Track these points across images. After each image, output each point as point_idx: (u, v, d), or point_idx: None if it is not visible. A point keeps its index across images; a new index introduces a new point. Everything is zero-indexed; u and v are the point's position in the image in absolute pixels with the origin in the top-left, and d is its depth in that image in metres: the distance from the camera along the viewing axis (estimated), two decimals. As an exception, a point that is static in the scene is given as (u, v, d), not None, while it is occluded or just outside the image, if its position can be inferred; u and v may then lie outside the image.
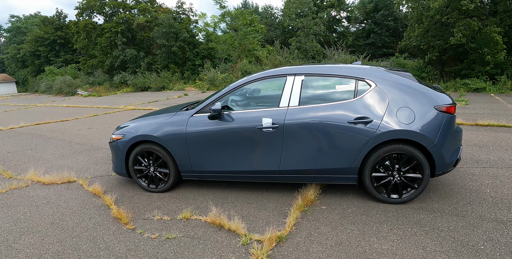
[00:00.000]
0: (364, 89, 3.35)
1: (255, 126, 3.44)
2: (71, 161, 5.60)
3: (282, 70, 3.61)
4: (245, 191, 3.90)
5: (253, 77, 3.65)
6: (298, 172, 3.51)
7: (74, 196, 3.97)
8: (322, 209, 3.37)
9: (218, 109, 3.42)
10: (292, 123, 3.36)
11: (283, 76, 3.57)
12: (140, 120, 4.01)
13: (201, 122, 3.60)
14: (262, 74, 3.64)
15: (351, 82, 3.42)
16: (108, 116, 11.36)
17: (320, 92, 3.48)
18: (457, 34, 14.18)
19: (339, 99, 3.37)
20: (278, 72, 3.60)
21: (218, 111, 3.43)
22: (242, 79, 3.72)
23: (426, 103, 3.23)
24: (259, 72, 3.81)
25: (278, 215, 3.28)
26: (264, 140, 3.45)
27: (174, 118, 3.73)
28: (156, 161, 3.86)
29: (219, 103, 3.44)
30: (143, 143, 3.83)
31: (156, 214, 3.38)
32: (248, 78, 3.67)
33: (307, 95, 3.47)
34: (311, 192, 3.61)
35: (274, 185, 4.02)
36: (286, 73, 3.57)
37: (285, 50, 20.03)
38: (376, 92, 3.31)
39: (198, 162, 3.68)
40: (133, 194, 3.96)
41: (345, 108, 3.29)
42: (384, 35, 38.80)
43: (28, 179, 4.72)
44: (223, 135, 3.53)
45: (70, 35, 38.24)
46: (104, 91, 25.73)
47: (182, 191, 3.97)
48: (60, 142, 7.37)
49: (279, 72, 3.60)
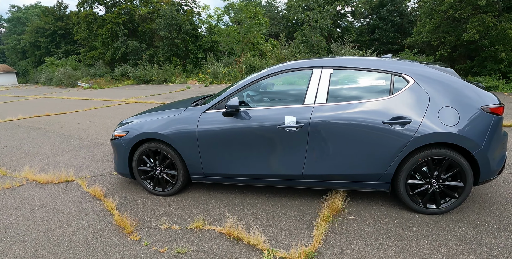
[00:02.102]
0: (401, 85, 2.97)
1: (277, 125, 3.06)
2: (70, 158, 5.23)
3: (308, 62, 3.21)
4: (261, 196, 3.53)
5: (275, 69, 3.25)
6: (323, 177, 3.14)
7: (72, 198, 3.60)
8: (350, 220, 3.01)
9: (235, 105, 3.03)
10: (319, 123, 2.98)
11: (308, 69, 3.18)
12: (145, 116, 3.63)
13: (214, 120, 3.21)
14: (284, 66, 3.24)
15: (386, 78, 3.03)
16: (109, 110, 10.97)
17: (350, 88, 3.09)
18: (471, 30, 13.69)
19: (373, 96, 2.99)
20: (303, 64, 3.20)
21: (236, 108, 3.04)
22: (261, 72, 3.32)
23: (471, 103, 2.85)
24: (280, 64, 3.42)
25: (302, 225, 2.92)
26: (286, 141, 3.08)
27: (184, 115, 3.34)
28: (163, 162, 3.48)
29: (236, 99, 3.05)
30: (148, 141, 3.45)
31: (164, 222, 3.01)
32: (268, 70, 3.28)
33: (335, 91, 3.08)
34: (337, 199, 3.24)
35: (294, 190, 3.65)
36: (312, 65, 3.17)
37: (291, 44, 19.54)
38: (415, 90, 2.92)
39: (211, 164, 3.30)
40: (137, 197, 3.59)
41: (380, 107, 2.91)
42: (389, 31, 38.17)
43: (23, 177, 4.35)
44: (239, 134, 3.15)
45: (71, 26, 37.67)
46: (105, 84, 25.28)
47: (191, 195, 3.60)
48: (58, 136, 7.00)
49: (304, 64, 3.20)
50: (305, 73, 3.19)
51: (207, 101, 3.62)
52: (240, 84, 3.32)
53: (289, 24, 40.59)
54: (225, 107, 3.18)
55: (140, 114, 3.88)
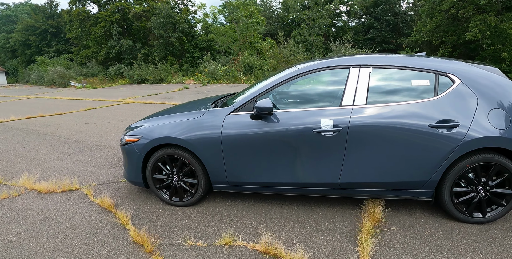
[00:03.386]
0: (446, 85, 2.71)
1: (312, 129, 2.74)
2: (70, 163, 4.84)
3: (344, 60, 2.91)
4: (289, 206, 3.21)
5: (307, 67, 2.93)
6: (362, 185, 2.85)
7: (78, 210, 3.23)
8: (393, 231, 2.73)
9: (268, 107, 2.70)
10: (359, 126, 2.69)
11: (345, 67, 2.87)
12: (159, 119, 3.28)
13: (241, 123, 2.88)
14: (318, 64, 2.93)
15: (430, 77, 2.76)
16: (106, 110, 10.54)
17: (391, 89, 2.79)
18: (473, 29, 13.58)
19: (416, 97, 2.72)
20: (339, 62, 2.89)
21: (269, 110, 2.71)
22: (292, 71, 3.00)
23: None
24: (312, 61, 3.11)
25: (343, 239, 2.61)
26: (322, 146, 2.77)
27: (206, 117, 3.00)
28: (181, 169, 3.14)
29: (268, 100, 2.72)
30: (165, 147, 3.10)
31: (188, 238, 2.66)
32: (300, 69, 2.95)
33: (375, 91, 2.79)
34: (376, 209, 2.95)
35: (324, 198, 3.34)
36: (349, 64, 2.87)
37: (290, 43, 19.24)
38: (461, 90, 2.66)
39: (236, 172, 2.97)
40: (152, 208, 3.24)
41: (424, 109, 2.65)
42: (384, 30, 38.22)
43: (20, 185, 3.96)
44: (269, 139, 2.82)
45: (63, 24, 36.87)
46: (99, 83, 24.69)
47: (211, 205, 3.26)
48: (55, 138, 6.58)
49: (340, 62, 2.89)
50: (341, 72, 2.89)
51: (228, 102, 3.29)
52: (267, 84, 2.99)
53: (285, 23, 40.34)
54: (254, 109, 2.86)
55: (150, 117, 3.52)
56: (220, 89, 15.98)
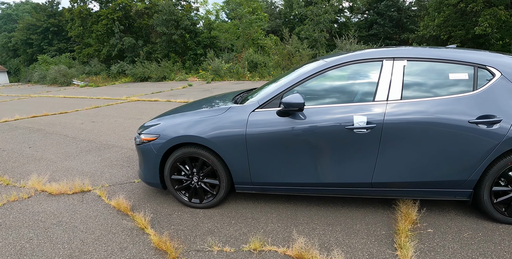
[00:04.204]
0: (486, 79, 2.53)
1: (344, 126, 2.56)
2: (80, 163, 4.67)
3: (376, 52, 2.71)
4: (315, 206, 3.03)
5: (337, 61, 2.74)
6: (395, 185, 2.67)
7: (92, 213, 3.06)
8: (429, 233, 2.55)
9: (300, 102, 2.50)
10: (394, 123, 2.50)
11: (377, 60, 2.68)
12: (177, 116, 3.09)
13: (267, 120, 2.69)
14: (348, 57, 2.73)
15: (468, 70, 2.57)
16: (112, 108, 10.37)
17: (427, 83, 2.60)
18: (483, 23, 13.31)
19: (454, 92, 2.53)
20: (371, 55, 2.70)
21: (300, 106, 2.52)
22: (319, 64, 2.80)
23: None
24: (341, 54, 2.91)
25: (378, 243, 2.43)
26: (354, 144, 2.58)
27: (229, 115, 2.81)
28: (202, 169, 2.95)
29: (298, 95, 2.53)
30: (184, 146, 2.92)
31: (213, 243, 2.49)
32: (328, 62, 2.76)
33: (411, 85, 2.60)
34: (410, 209, 2.77)
35: (351, 198, 3.16)
36: (382, 56, 2.68)
37: (294, 39, 19.00)
38: (503, 84, 2.49)
39: (261, 171, 2.79)
40: (170, 210, 3.06)
41: (463, 104, 2.47)
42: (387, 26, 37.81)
43: (30, 187, 3.79)
44: (297, 136, 2.64)
45: (64, 23, 36.70)
46: (102, 82, 24.51)
47: (233, 207, 3.08)
48: (62, 137, 6.41)
49: (372, 55, 2.70)
50: (373, 65, 2.69)
51: (249, 96, 3.11)
52: (293, 78, 2.79)
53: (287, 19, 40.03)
54: (280, 106, 2.68)
55: (165, 115, 3.34)
56: (225, 86, 15.79)
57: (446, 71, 2.59)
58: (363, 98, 2.65)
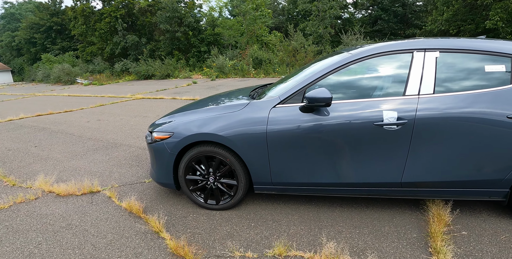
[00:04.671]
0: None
1: (372, 122, 2.38)
2: (87, 162, 4.52)
3: (406, 43, 2.52)
4: (338, 207, 2.85)
5: (363, 52, 2.55)
6: (426, 184, 2.49)
7: (103, 216, 2.90)
8: (464, 236, 2.39)
9: (327, 97, 2.32)
10: (427, 118, 2.32)
11: (407, 52, 2.49)
12: (191, 113, 2.92)
13: (289, 117, 2.52)
14: (376, 48, 2.54)
15: (505, 62, 2.38)
16: (117, 106, 10.22)
17: (462, 75, 2.41)
18: (494, 17, 13.01)
19: (490, 85, 2.35)
20: (400, 46, 2.51)
21: (327, 101, 2.34)
22: (344, 57, 2.61)
23: None
24: (367, 46, 2.73)
25: (411, 247, 2.27)
26: (383, 141, 2.41)
27: (248, 111, 2.63)
28: (218, 169, 2.79)
29: (324, 89, 2.34)
30: (200, 145, 2.75)
31: (234, 247, 2.32)
32: (354, 54, 2.57)
33: (444, 79, 2.41)
34: (441, 210, 2.61)
35: (374, 199, 2.98)
36: (412, 47, 2.48)
37: (299, 36, 18.74)
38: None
39: (282, 171, 2.61)
40: (185, 212, 2.90)
41: (501, 98, 2.29)
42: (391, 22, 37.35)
43: (37, 188, 3.64)
44: (322, 134, 2.46)
45: (67, 22, 36.59)
46: (106, 80, 24.41)
47: (250, 208, 2.92)
48: (68, 136, 6.27)
49: (401, 46, 2.51)
50: (403, 57, 2.50)
51: (266, 92, 2.93)
52: (316, 72, 2.60)
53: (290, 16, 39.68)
54: (303, 101, 2.50)
55: (177, 112, 3.16)
56: (230, 83, 15.61)
57: (482, 63, 2.40)
58: (392, 93, 2.47)
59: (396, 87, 2.47)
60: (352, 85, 2.58)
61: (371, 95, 2.51)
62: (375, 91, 2.53)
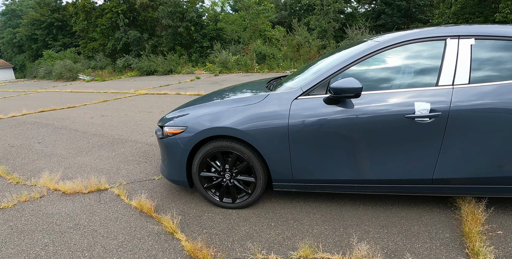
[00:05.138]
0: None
1: (403, 114, 2.20)
2: (93, 159, 4.36)
3: (438, 30, 2.33)
4: (361, 206, 2.68)
5: (392, 40, 2.35)
6: (460, 181, 2.32)
7: (112, 215, 2.74)
8: (500, 236, 2.24)
9: (357, 87, 2.14)
10: (462, 110, 2.15)
11: (440, 39, 2.30)
12: (205, 106, 2.74)
13: (313, 109, 2.34)
14: (405, 36, 2.35)
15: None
16: (120, 102, 10.06)
17: (499, 64, 2.23)
18: (504, 10, 12.71)
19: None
20: (431, 33, 2.31)
21: (357, 91, 2.15)
22: (372, 44, 2.42)
23: None
24: (395, 33, 2.54)
25: (445, 247, 2.11)
26: (414, 135, 2.23)
27: (268, 103, 2.45)
28: (235, 165, 2.61)
29: (353, 79, 2.16)
30: (215, 139, 2.57)
31: (255, 249, 2.16)
32: (382, 42, 2.37)
33: (480, 68, 2.23)
34: (474, 208, 2.45)
35: (398, 196, 2.81)
36: (445, 34, 2.29)
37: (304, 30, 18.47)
38: None
39: (304, 167, 2.44)
40: (199, 211, 2.73)
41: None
42: (395, 16, 36.88)
43: (42, 185, 3.49)
44: (348, 127, 2.29)
45: (68, 18, 36.33)
46: (108, 76, 24.23)
47: (268, 206, 2.75)
48: (72, 132, 6.12)
49: (433, 33, 2.31)
50: (435, 44, 2.31)
51: (284, 83, 2.75)
52: (341, 61, 2.41)
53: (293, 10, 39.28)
54: (328, 92, 2.32)
55: (189, 106, 2.97)
56: (234, 78, 15.41)
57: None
58: (423, 83, 2.28)
59: (428, 77, 2.29)
60: (380, 75, 2.40)
61: (401, 85, 2.32)
62: (404, 81, 2.35)
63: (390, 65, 2.40)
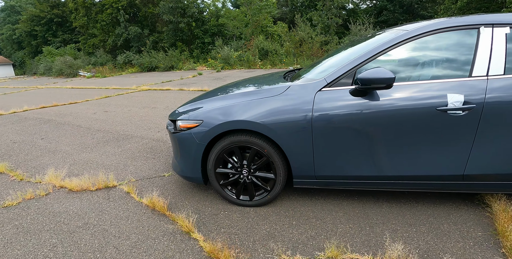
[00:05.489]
0: None
1: (435, 106, 2.06)
2: (99, 155, 4.22)
3: (470, 18, 2.18)
4: (385, 203, 2.55)
5: (422, 28, 2.19)
6: (494, 177, 2.19)
7: (123, 214, 2.61)
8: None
9: (389, 78, 1.99)
10: (498, 102, 2.02)
11: (472, 27, 2.15)
12: (221, 99, 2.59)
13: (338, 101, 2.19)
14: (436, 24, 2.19)
15: None
16: (123, 98, 9.90)
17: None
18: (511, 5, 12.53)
19: None
20: (463, 21, 2.17)
21: (389, 82, 2.01)
22: (400, 33, 2.27)
23: None
24: (427, 21, 2.39)
25: (479, 247, 1.98)
26: (446, 129, 2.10)
27: (289, 95, 2.31)
28: (254, 161, 2.47)
29: (383, 69, 2.02)
30: (233, 134, 2.43)
31: (278, 249, 2.02)
32: (413, 30, 2.21)
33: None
34: (506, 205, 2.31)
35: (421, 192, 2.67)
36: (479, 22, 2.14)
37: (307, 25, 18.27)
38: None
39: (328, 163, 2.30)
40: (214, 209, 2.60)
41: None
42: (397, 12, 36.57)
43: (47, 182, 3.35)
44: (376, 121, 2.14)
45: (68, 13, 36.03)
46: (108, 72, 24.02)
47: (287, 204, 2.61)
48: (75, 128, 5.97)
49: (465, 21, 2.16)
50: (466, 33, 2.17)
51: (301, 74, 2.61)
52: (368, 51, 2.25)
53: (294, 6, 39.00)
54: (354, 83, 2.18)
55: (202, 99, 2.82)
56: (237, 74, 15.23)
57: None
58: (455, 74, 2.14)
59: (460, 68, 2.14)
60: (408, 66, 2.25)
61: (431, 77, 2.18)
62: (435, 72, 2.20)
63: (419, 55, 2.25)
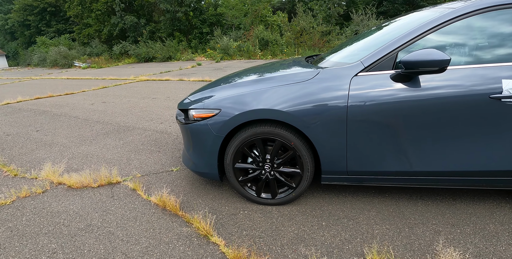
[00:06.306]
0: None
1: (488, 94, 1.79)
2: (99, 148, 3.94)
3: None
4: (419, 201, 2.30)
5: (472, 6, 1.90)
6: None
7: (130, 214, 2.34)
8: None
9: (443, 60, 1.71)
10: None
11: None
12: (240, 86, 2.29)
13: (378, 88, 1.91)
14: (487, 2, 1.90)
15: None
16: (121, 88, 9.55)
17: None
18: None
19: None
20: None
21: (443, 65, 1.73)
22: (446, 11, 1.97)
23: None
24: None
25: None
26: (499, 119, 1.83)
27: (321, 81, 2.02)
28: (278, 155, 2.20)
29: (434, 50, 1.74)
30: (254, 124, 2.16)
31: (310, 254, 1.77)
32: (460, 8, 1.91)
33: None
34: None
35: (456, 189, 2.43)
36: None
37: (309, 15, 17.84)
38: None
39: (363, 157, 2.03)
40: (232, 209, 2.34)
41: None
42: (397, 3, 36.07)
43: (44, 178, 3.07)
44: (420, 109, 1.87)
45: (61, 2, 35.13)
46: (104, 63, 23.49)
47: (312, 202, 2.36)
48: (73, 119, 5.66)
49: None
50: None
51: (325, 57, 2.33)
52: (410, 31, 1.95)
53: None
54: (395, 67, 1.90)
55: (217, 85, 2.53)
56: (237, 65, 14.86)
57: None
58: (510, 58, 1.86)
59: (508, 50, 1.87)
60: (456, 48, 1.97)
61: (483, 60, 1.90)
62: (487, 55, 1.92)
63: (468, 36, 1.96)
